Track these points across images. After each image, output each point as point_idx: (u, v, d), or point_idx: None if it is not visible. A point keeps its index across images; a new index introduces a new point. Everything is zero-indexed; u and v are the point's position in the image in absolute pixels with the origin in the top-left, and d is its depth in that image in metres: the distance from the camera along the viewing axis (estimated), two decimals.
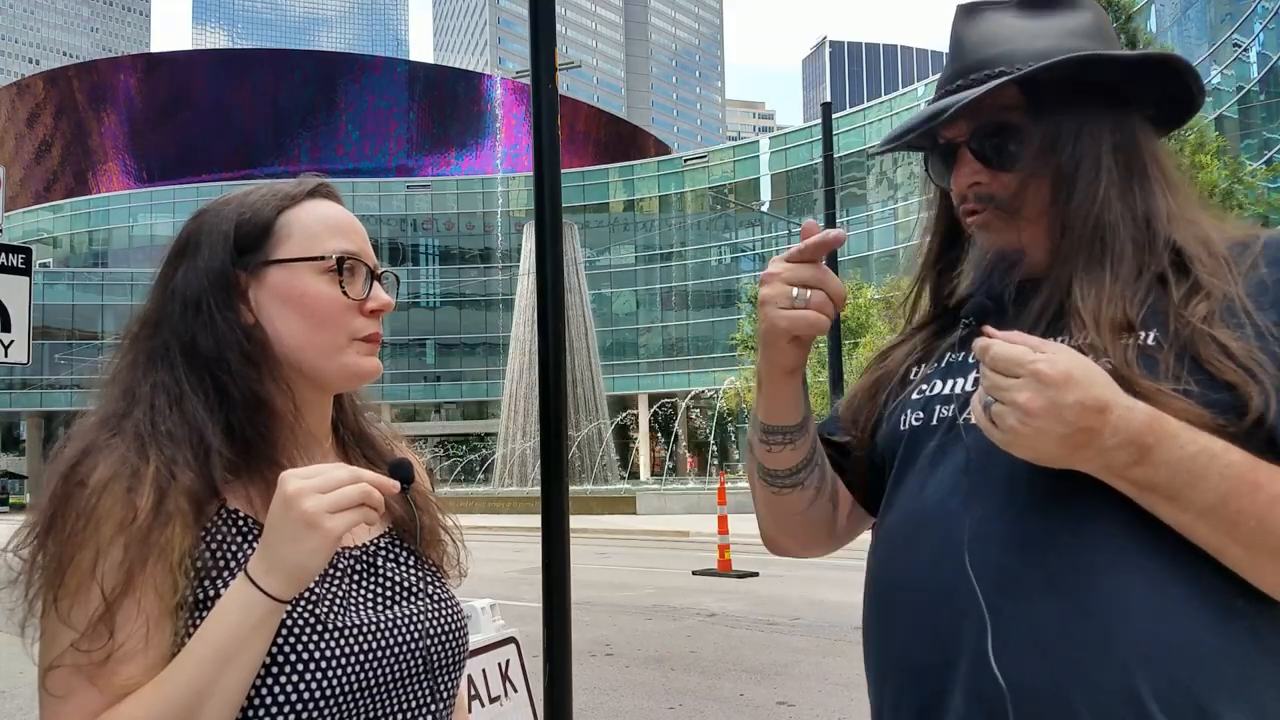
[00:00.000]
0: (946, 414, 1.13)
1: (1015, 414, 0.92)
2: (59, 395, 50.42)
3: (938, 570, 1.03)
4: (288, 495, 0.93)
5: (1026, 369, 0.92)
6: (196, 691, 0.91)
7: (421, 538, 1.18)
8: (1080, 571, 0.96)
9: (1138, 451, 0.92)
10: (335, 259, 1.10)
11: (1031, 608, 0.97)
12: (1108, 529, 0.97)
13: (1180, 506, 0.93)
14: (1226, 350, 0.98)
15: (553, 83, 2.72)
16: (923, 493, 1.10)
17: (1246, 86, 32.87)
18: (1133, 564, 0.96)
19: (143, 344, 1.09)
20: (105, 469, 0.96)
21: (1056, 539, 0.98)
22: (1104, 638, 0.94)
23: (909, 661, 1.06)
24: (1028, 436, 0.92)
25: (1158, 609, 0.94)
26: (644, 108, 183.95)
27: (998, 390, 0.94)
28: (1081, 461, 0.94)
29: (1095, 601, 0.95)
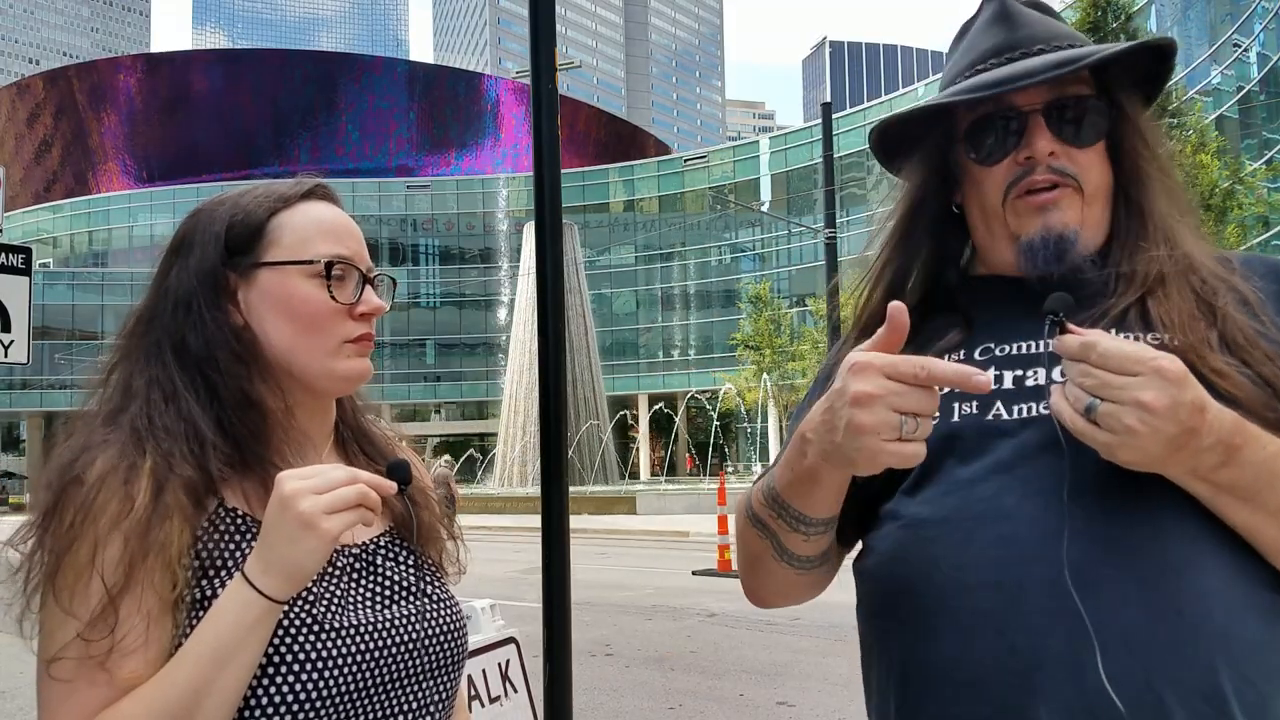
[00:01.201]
0: (971, 410, 1.08)
1: (1136, 413, 0.88)
2: (59, 395, 50.39)
3: (1002, 570, 0.97)
4: (285, 496, 0.93)
5: (1148, 365, 0.88)
6: (194, 690, 0.91)
7: (420, 536, 1.18)
8: (1166, 572, 0.95)
9: (1226, 452, 0.91)
10: (324, 263, 1.10)
11: (1123, 610, 0.94)
12: (1184, 529, 0.96)
13: (1255, 507, 0.93)
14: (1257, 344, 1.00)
15: (553, 83, 2.72)
16: (959, 492, 1.04)
17: (1246, 86, 32.86)
18: (1209, 563, 0.95)
19: (137, 341, 1.09)
20: (102, 463, 0.97)
21: (1140, 541, 0.96)
22: (1192, 637, 0.93)
23: (970, 669, 0.98)
24: (1145, 437, 0.88)
25: (1231, 607, 0.94)
26: (644, 108, 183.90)
27: (1110, 389, 0.89)
28: (1175, 463, 0.92)
29: (1183, 601, 0.94)
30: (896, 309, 0.95)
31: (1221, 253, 1.13)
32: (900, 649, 1.05)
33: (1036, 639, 0.94)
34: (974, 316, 1.18)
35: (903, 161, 1.26)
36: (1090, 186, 1.12)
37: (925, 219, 1.23)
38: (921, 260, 1.23)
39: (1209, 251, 1.12)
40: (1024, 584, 0.95)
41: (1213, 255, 1.12)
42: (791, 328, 39.18)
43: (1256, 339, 1.01)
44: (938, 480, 1.06)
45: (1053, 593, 0.94)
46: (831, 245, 18.47)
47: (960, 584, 0.99)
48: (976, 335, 1.16)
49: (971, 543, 1.00)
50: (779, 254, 51.26)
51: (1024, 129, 1.12)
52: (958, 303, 1.20)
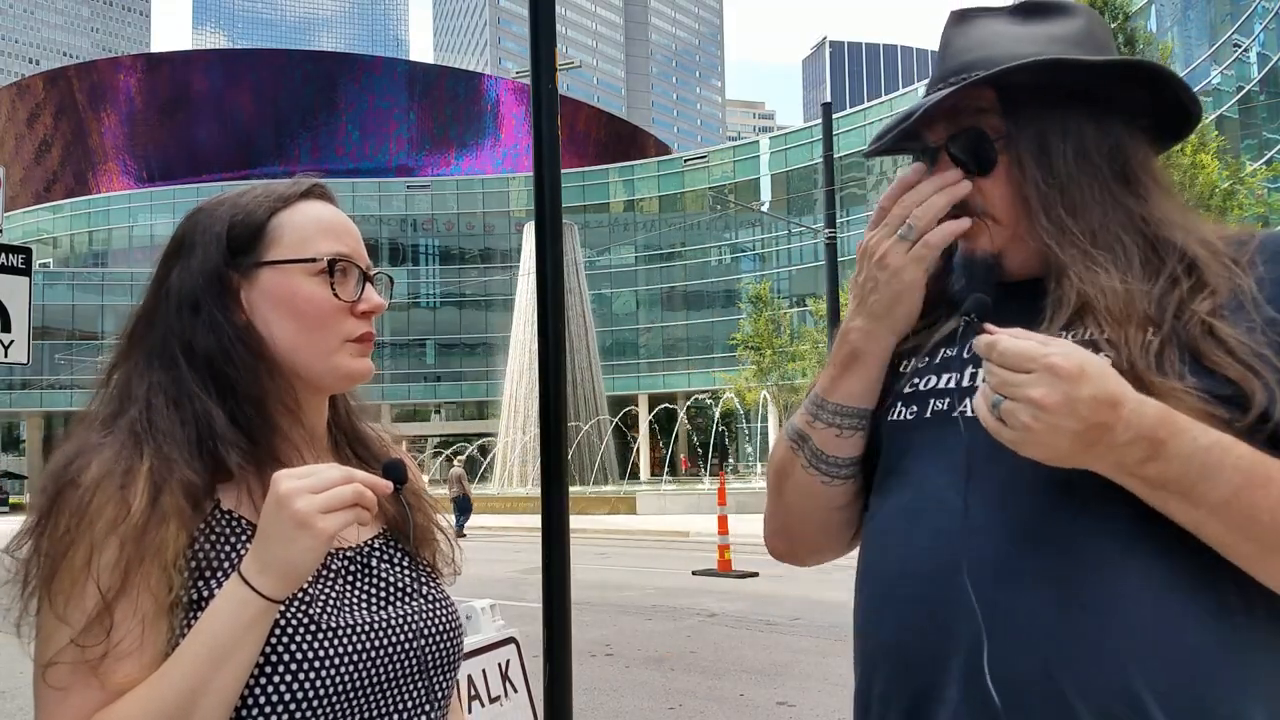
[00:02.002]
0: (941, 407, 1.12)
1: (1029, 410, 0.89)
2: (59, 395, 50.42)
3: (933, 563, 1.03)
4: (280, 495, 0.94)
5: (1040, 363, 0.89)
6: (190, 690, 0.91)
7: (415, 537, 1.18)
8: (1078, 567, 0.96)
9: (1150, 447, 0.90)
10: (327, 261, 1.10)
11: (1028, 603, 0.96)
12: (1105, 526, 0.97)
13: (1193, 502, 0.91)
14: (1228, 347, 0.97)
15: (553, 83, 2.72)
16: (917, 486, 1.10)
17: (1246, 86, 32.86)
18: (1131, 562, 0.95)
19: (139, 343, 1.09)
20: (98, 467, 0.97)
21: (1055, 535, 0.98)
22: (1101, 634, 0.93)
23: (903, 652, 1.05)
24: (1041, 433, 0.90)
25: (1156, 607, 0.93)
26: (644, 108, 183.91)
27: (1008, 387, 0.91)
28: (1093, 459, 0.92)
29: (1093, 598, 0.94)
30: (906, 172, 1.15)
31: (1240, 234, 1.10)
32: (859, 629, 1.15)
33: (955, 626, 0.99)
34: None
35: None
36: (998, 211, 1.13)
37: None
38: None
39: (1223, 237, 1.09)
40: (947, 575, 1.00)
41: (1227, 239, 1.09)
42: (791, 328, 39.19)
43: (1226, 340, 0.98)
44: (906, 473, 1.14)
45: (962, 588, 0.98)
46: (831, 245, 18.46)
47: (901, 572, 1.07)
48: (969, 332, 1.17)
49: (914, 534, 1.07)
50: (779, 254, 51.28)
51: (934, 164, 1.17)
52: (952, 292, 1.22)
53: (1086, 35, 1.14)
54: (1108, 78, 1.11)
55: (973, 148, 1.13)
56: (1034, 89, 1.11)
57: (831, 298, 18.62)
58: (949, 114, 1.14)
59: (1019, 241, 1.14)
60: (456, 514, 21.91)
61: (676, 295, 54.16)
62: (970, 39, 1.16)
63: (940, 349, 1.18)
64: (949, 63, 1.17)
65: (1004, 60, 1.11)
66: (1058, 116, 1.11)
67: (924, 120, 1.15)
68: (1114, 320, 1.02)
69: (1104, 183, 1.10)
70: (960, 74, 1.13)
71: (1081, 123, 1.11)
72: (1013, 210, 1.13)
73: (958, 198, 1.11)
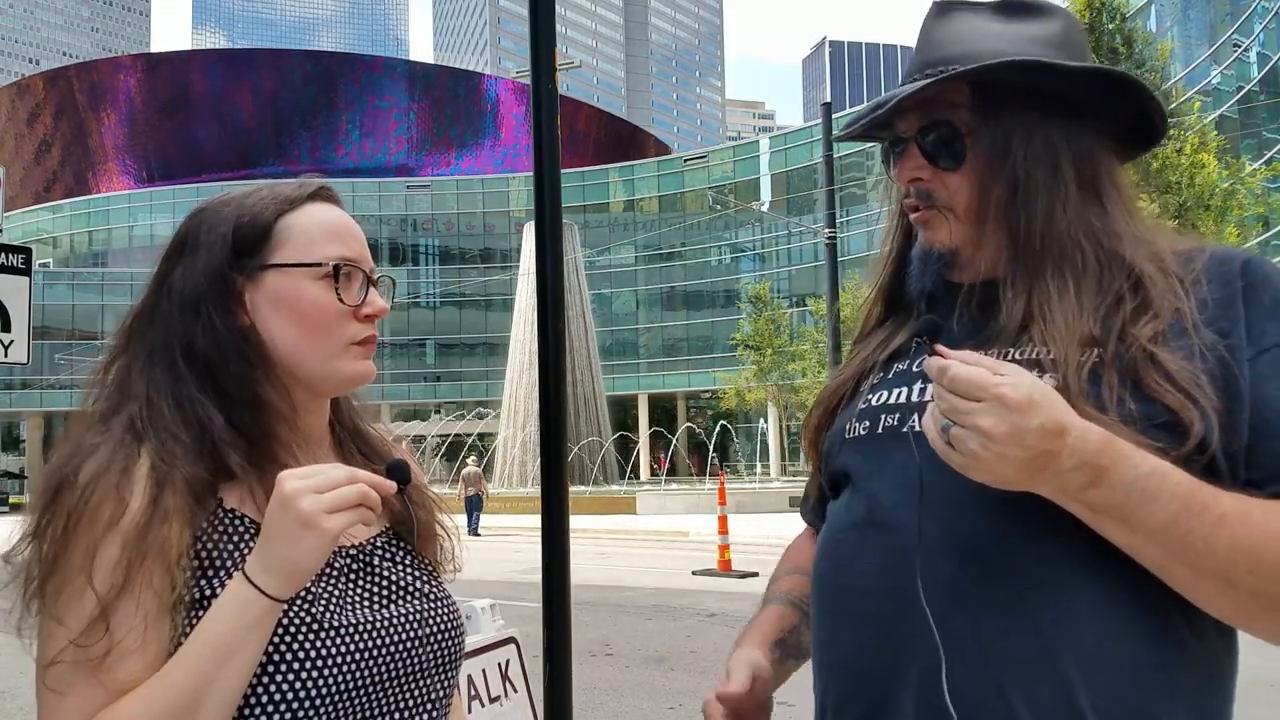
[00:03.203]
0: (891, 423, 1.13)
1: (977, 439, 0.90)
2: (59, 395, 50.37)
3: (887, 579, 1.04)
4: (285, 495, 0.94)
5: (990, 393, 0.90)
6: (194, 689, 0.91)
7: (418, 536, 1.18)
8: (1029, 588, 0.97)
9: (1093, 473, 0.91)
10: (332, 265, 1.10)
11: (979, 622, 0.98)
12: (1056, 546, 0.98)
13: (1131, 528, 0.93)
14: (1167, 374, 0.98)
15: (553, 83, 2.71)
16: (869, 502, 1.11)
17: (1246, 86, 32.86)
18: (1080, 581, 0.97)
19: (138, 340, 1.09)
20: (94, 466, 0.96)
21: (1005, 556, 0.99)
22: (1049, 653, 0.95)
23: (856, 666, 1.07)
24: (989, 461, 0.91)
25: (1102, 626, 0.96)
26: (644, 108, 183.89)
27: (957, 414, 0.92)
28: (1038, 484, 0.93)
29: (1042, 618, 0.96)
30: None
31: (1190, 250, 1.10)
32: (815, 639, 1.17)
33: (909, 643, 1.00)
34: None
35: None
36: (960, 208, 1.14)
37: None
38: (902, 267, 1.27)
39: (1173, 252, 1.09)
40: (901, 593, 1.02)
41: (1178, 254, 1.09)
42: (791, 328, 39.18)
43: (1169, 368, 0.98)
44: (857, 489, 1.15)
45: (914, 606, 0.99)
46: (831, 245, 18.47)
47: (856, 587, 1.09)
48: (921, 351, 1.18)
49: (868, 551, 1.08)
50: (779, 254, 51.26)
51: (902, 154, 1.18)
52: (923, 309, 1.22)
53: (1064, 39, 1.15)
54: (1080, 84, 1.11)
55: (942, 142, 1.14)
56: (1008, 88, 1.11)
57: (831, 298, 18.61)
58: (922, 105, 1.15)
59: (980, 241, 1.15)
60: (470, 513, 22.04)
61: (676, 295, 54.14)
62: (950, 32, 1.16)
63: (893, 363, 1.20)
64: (927, 54, 1.17)
65: (982, 57, 1.11)
66: (1028, 118, 1.11)
67: (896, 110, 1.16)
68: (1057, 339, 1.03)
69: (1066, 188, 1.10)
70: (937, 66, 1.14)
71: (1051, 127, 1.11)
72: (973, 207, 1.14)
73: None
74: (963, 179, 1.14)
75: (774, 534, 18.00)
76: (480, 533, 21.79)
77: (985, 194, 1.13)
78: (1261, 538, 0.90)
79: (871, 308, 1.32)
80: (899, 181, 1.19)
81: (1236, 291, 1.03)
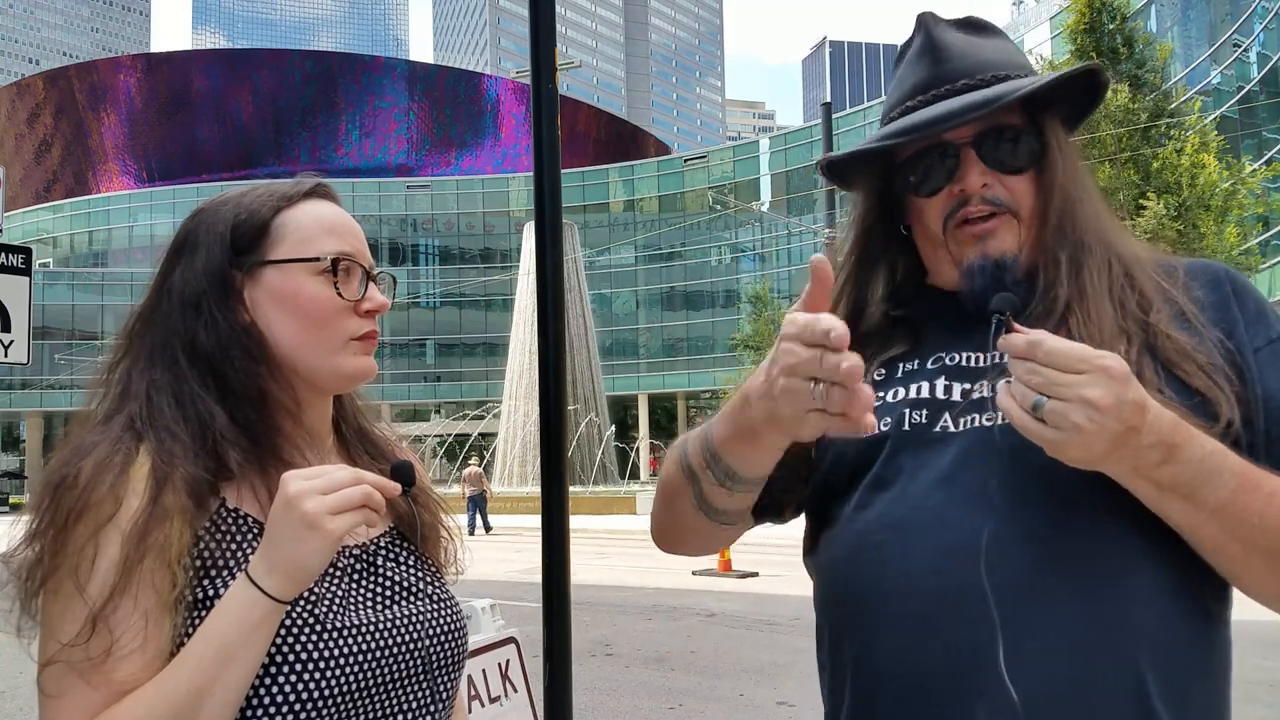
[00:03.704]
0: (920, 419, 1.12)
1: (1083, 410, 0.89)
2: (59, 395, 50.39)
3: (942, 579, 1.02)
4: (289, 496, 0.94)
5: (1094, 364, 0.90)
6: (196, 690, 0.91)
7: (422, 536, 1.18)
8: (1095, 577, 0.98)
9: (1167, 451, 0.93)
10: (330, 260, 1.10)
11: (1048, 614, 0.97)
12: (1117, 533, 0.99)
13: (1195, 505, 0.95)
14: (1192, 359, 1.02)
15: (553, 83, 2.71)
16: (908, 499, 1.08)
17: (1247, 86, 32.86)
18: (1140, 567, 0.99)
19: (140, 341, 1.09)
20: (93, 465, 0.96)
21: (1071, 550, 0.99)
22: (1117, 643, 0.97)
23: (909, 673, 1.03)
24: (1091, 434, 0.90)
25: (1162, 611, 0.98)
26: (644, 108, 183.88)
27: (1056, 387, 0.91)
28: (1117, 460, 0.94)
29: (1111, 610, 0.97)
30: (816, 262, 0.95)
31: (1168, 260, 1.16)
32: (851, 649, 1.10)
33: (971, 644, 0.98)
34: (928, 325, 1.21)
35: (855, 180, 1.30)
36: (1025, 211, 1.15)
37: (876, 242, 1.27)
38: (879, 280, 1.27)
39: (1153, 260, 1.15)
40: (961, 591, 0.99)
41: (1157, 263, 1.14)
42: None
43: (1190, 352, 1.04)
44: (889, 487, 1.10)
45: (978, 602, 0.98)
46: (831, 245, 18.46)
47: (904, 590, 1.04)
48: (929, 344, 1.19)
49: (915, 551, 1.04)
50: (779, 254, 51.26)
51: (956, 163, 1.15)
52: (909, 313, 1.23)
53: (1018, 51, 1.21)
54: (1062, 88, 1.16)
55: (1009, 146, 1.15)
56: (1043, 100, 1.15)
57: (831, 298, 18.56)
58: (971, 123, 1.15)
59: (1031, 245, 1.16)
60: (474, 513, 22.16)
61: (676, 295, 54.14)
62: (957, 45, 1.18)
63: (898, 363, 1.19)
64: (951, 63, 1.17)
65: (993, 66, 1.15)
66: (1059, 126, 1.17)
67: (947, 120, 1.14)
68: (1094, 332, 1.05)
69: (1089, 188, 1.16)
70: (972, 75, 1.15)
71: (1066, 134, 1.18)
72: (1036, 210, 1.15)
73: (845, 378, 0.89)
74: (1026, 183, 1.15)
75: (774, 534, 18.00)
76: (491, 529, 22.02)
77: (1047, 197, 1.15)
78: None
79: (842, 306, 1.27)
80: (968, 189, 1.14)
81: (1229, 295, 1.10)
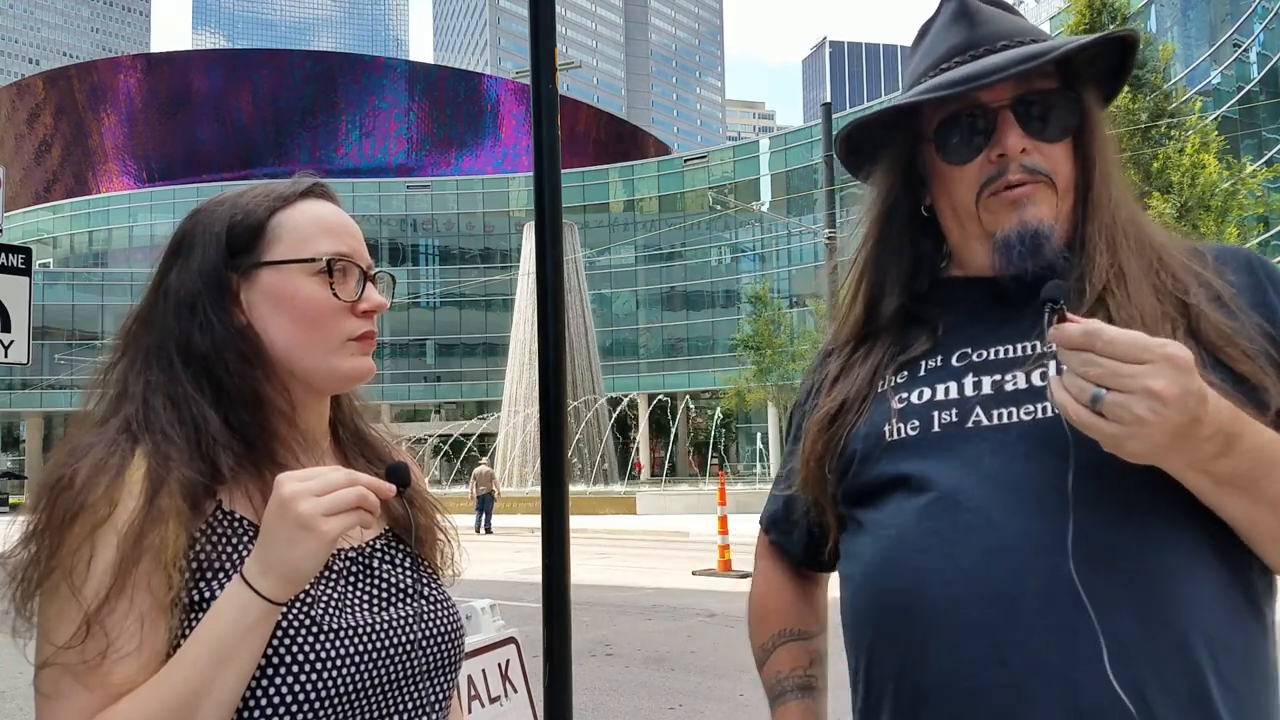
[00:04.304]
0: (950, 419, 1.06)
1: (1147, 402, 0.85)
2: (59, 395, 50.37)
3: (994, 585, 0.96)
4: (284, 498, 0.93)
5: (1158, 353, 0.85)
6: (192, 692, 0.91)
7: (417, 538, 1.18)
8: (1155, 582, 0.94)
9: (1225, 442, 0.89)
10: (325, 260, 1.10)
11: (1116, 619, 0.93)
12: (1178, 537, 0.95)
13: (1254, 497, 0.91)
14: (1235, 344, 0.98)
15: (553, 83, 2.71)
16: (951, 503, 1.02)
17: (1247, 86, 32.85)
18: (1200, 572, 0.95)
19: (137, 343, 1.09)
20: (89, 467, 0.96)
21: (1134, 548, 0.95)
22: (1183, 644, 0.93)
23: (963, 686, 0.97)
24: (1154, 427, 0.86)
25: (1222, 609, 0.95)
26: (644, 108, 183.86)
27: (1119, 378, 0.86)
28: (1177, 453, 0.89)
29: (1174, 610, 0.93)
30: None
31: (1193, 245, 1.11)
32: (895, 662, 1.04)
33: (1030, 650, 0.94)
34: (950, 320, 1.16)
35: (870, 167, 1.25)
36: (1062, 181, 1.11)
37: (898, 224, 1.22)
38: (899, 267, 1.21)
39: (1179, 244, 1.11)
40: (1016, 597, 0.95)
41: (1184, 248, 1.10)
42: (791, 328, 39.18)
43: (1232, 336, 0.99)
44: (921, 489, 1.05)
45: (1046, 604, 0.93)
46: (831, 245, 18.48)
47: (951, 598, 0.98)
48: (952, 338, 1.14)
49: (959, 556, 0.99)
50: (779, 254, 51.24)
51: (994, 126, 1.11)
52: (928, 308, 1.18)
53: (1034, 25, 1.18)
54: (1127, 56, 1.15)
55: (1049, 111, 1.11)
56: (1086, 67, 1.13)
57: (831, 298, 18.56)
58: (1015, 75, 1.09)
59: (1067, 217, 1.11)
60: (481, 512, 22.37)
61: (676, 295, 54.12)
62: (990, 11, 1.15)
63: (921, 362, 1.14)
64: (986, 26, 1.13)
65: (1034, 34, 1.13)
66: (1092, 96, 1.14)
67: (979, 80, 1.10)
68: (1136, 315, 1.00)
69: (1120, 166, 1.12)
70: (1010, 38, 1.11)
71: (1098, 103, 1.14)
72: (1072, 180, 1.11)
73: None
74: (1064, 151, 1.10)
75: None
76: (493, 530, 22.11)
77: (1086, 169, 1.10)
78: None
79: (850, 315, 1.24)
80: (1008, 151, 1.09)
81: (1263, 280, 1.05)
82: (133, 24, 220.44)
